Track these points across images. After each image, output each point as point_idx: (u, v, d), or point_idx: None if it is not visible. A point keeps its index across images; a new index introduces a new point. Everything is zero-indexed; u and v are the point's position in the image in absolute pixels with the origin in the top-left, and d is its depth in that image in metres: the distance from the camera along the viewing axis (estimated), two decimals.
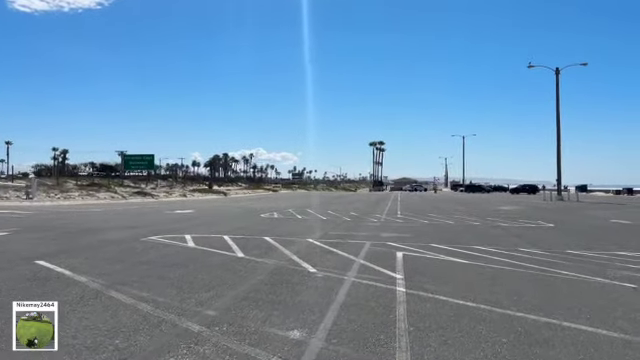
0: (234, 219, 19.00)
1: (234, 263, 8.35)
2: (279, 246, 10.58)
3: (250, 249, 10.06)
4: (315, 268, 7.97)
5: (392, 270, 7.93)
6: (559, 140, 49.00)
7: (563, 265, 8.74)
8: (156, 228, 14.34)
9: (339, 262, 8.71)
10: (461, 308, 5.59)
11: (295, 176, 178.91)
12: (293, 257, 9.09)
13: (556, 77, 48.05)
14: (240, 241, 11.37)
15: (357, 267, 8.23)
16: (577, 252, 10.48)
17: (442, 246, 11.18)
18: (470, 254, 9.98)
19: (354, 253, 9.76)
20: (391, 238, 12.68)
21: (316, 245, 11.02)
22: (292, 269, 7.89)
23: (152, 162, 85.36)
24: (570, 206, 34.57)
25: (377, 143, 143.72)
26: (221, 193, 55.44)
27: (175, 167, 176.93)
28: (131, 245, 10.45)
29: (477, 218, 20.98)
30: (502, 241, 12.57)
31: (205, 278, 7.03)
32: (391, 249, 10.52)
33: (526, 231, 15.60)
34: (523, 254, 10.11)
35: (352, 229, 15.36)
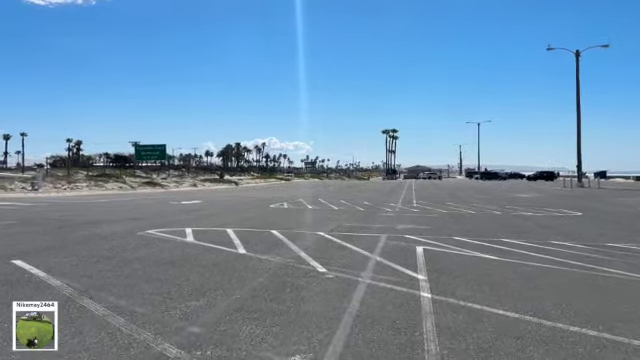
0: (241, 210, 18.10)
1: (234, 262, 7.41)
2: (286, 241, 9.63)
3: (254, 244, 9.12)
4: (325, 267, 6.99)
5: (413, 269, 6.93)
6: (579, 125, 47.27)
7: (608, 262, 7.66)
8: (157, 221, 13.49)
9: (352, 259, 7.72)
10: (502, 321, 4.57)
11: (308, 165, 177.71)
12: (301, 254, 8.13)
13: (576, 60, 46.19)
14: (244, 235, 10.44)
15: (373, 266, 7.24)
16: (619, 245, 9.37)
17: (465, 239, 10.13)
18: (499, 249, 8.93)
19: (369, 248, 8.77)
20: (408, 230, 11.65)
21: (327, 239, 10.05)
22: (299, 268, 6.93)
23: (164, 152, 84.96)
24: (592, 193, 33.11)
25: (390, 131, 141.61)
26: (232, 183, 54.71)
27: (188, 157, 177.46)
28: (124, 240, 9.57)
29: (497, 207, 19.84)
30: (530, 232, 11.48)
31: (198, 281, 6.10)
32: (409, 243, 9.50)
33: (554, 221, 14.45)
34: (558, 248, 9.03)
35: (366, 220, 14.36)
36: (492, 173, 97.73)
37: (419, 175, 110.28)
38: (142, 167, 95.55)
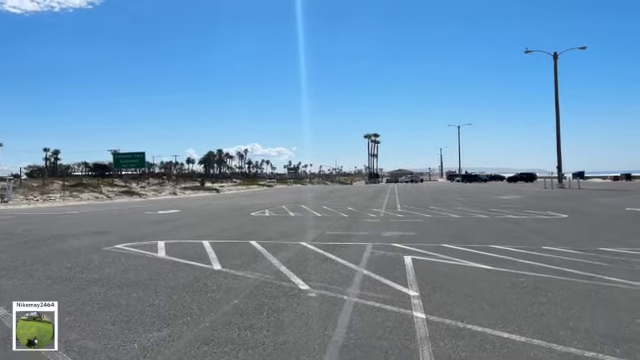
0: (220, 219, 17.37)
1: (207, 280, 6.75)
2: (266, 253, 8.99)
3: (231, 258, 8.46)
4: (308, 284, 6.39)
5: (403, 283, 6.37)
6: (558, 127, 47.61)
7: (606, 269, 7.22)
8: (128, 233, 12.70)
9: (337, 273, 7.13)
10: (508, 347, 4.02)
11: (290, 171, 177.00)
12: (281, 268, 7.50)
13: (554, 62, 46.56)
14: (221, 248, 9.77)
15: (359, 280, 6.65)
16: (613, 249, 8.97)
17: (455, 246, 9.63)
18: (491, 256, 8.44)
19: (354, 260, 8.20)
20: (395, 238, 11.12)
21: (310, 250, 9.44)
22: (279, 286, 6.30)
23: (143, 160, 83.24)
24: (574, 194, 33.17)
25: (372, 135, 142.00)
26: (213, 190, 53.67)
27: (169, 165, 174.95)
28: (88, 257, 8.82)
29: (482, 210, 19.49)
30: (520, 237, 11.05)
31: (164, 306, 5.43)
32: (397, 252, 8.96)
33: (541, 224, 14.09)
34: (552, 254, 8.59)
35: (350, 227, 13.80)
36: (473, 175, 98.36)
37: (401, 179, 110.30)
38: (122, 176, 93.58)
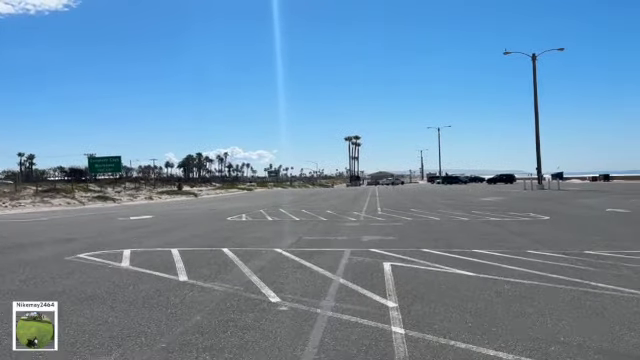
0: (194, 225, 16.75)
1: (170, 293, 6.22)
2: (238, 261, 8.49)
3: (199, 268, 7.93)
4: (279, 296, 5.92)
5: (381, 293, 5.95)
6: (537, 128, 47.99)
7: (593, 274, 6.91)
8: (95, 241, 12.04)
9: (312, 283, 6.68)
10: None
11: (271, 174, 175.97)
12: (252, 278, 7.02)
13: (533, 63, 46.97)
14: (191, 256, 9.23)
15: (335, 290, 6.21)
16: (597, 253, 8.72)
17: (436, 251, 9.27)
18: (473, 262, 8.09)
19: (331, 267, 7.75)
20: (374, 243, 10.72)
21: (285, 257, 8.97)
22: (247, 299, 5.82)
23: (119, 164, 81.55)
24: (554, 195, 33.35)
25: (353, 138, 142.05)
26: (191, 194, 52.67)
27: (148, 169, 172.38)
28: (47, 269, 8.19)
29: (463, 212, 19.27)
30: (503, 241, 10.76)
31: (119, 324, 4.90)
32: (376, 258, 8.55)
33: (524, 227, 13.87)
34: (536, 259, 8.28)
35: (329, 232, 13.36)
36: (453, 177, 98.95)
37: (382, 181, 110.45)
38: (98, 180, 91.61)
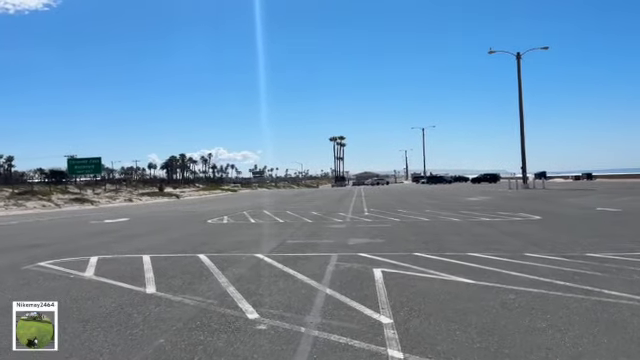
0: (171, 228, 15.92)
1: (134, 309, 5.47)
2: (215, 269, 7.75)
3: (170, 278, 7.18)
4: (258, 311, 5.21)
5: (374, 306, 5.28)
6: (522, 127, 47.98)
7: (603, 280, 6.34)
8: (61, 247, 11.18)
9: (296, 294, 5.98)
10: None
11: (256, 175, 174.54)
12: (229, 289, 6.29)
13: (517, 62, 46.94)
14: (163, 263, 8.46)
15: (321, 303, 5.52)
16: (600, 255, 8.18)
17: (429, 255, 8.65)
18: (471, 267, 7.47)
19: (316, 275, 7.07)
20: (362, 246, 10.06)
21: (266, 264, 8.25)
22: (221, 316, 5.10)
23: (99, 165, 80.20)
24: (540, 194, 33.15)
25: (337, 138, 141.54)
26: (173, 196, 51.50)
27: (130, 170, 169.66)
28: (1, 279, 7.36)
29: (451, 212, 18.74)
30: (498, 243, 10.19)
31: (67, 348, 4.13)
32: (365, 264, 7.89)
33: (516, 227, 13.36)
34: (536, 262, 7.71)
35: (314, 235, 12.67)
36: (438, 177, 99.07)
37: (367, 181, 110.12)
38: (78, 182, 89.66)
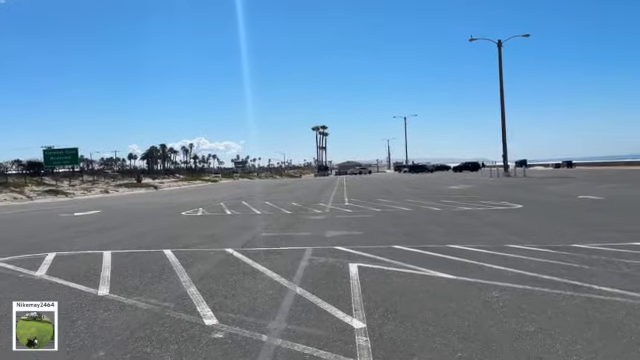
0: (142, 221, 15.23)
1: (80, 314, 4.88)
2: (178, 266, 7.18)
3: (128, 277, 6.60)
4: (217, 316, 4.68)
5: (346, 308, 4.80)
6: (503, 116, 48.04)
7: (590, 273, 5.97)
8: (20, 243, 10.47)
9: (262, 295, 5.47)
10: None
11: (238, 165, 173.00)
12: (190, 290, 5.75)
13: (498, 50, 46.81)
14: (124, 260, 7.86)
15: (289, 304, 5.02)
16: (585, 246, 7.83)
17: (408, 248, 8.21)
18: (452, 261, 7.04)
19: (288, 272, 6.55)
20: (340, 239, 9.58)
21: (235, 260, 7.71)
22: (176, 322, 4.56)
23: (76, 156, 78.35)
24: (522, 182, 33.13)
25: (320, 127, 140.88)
26: (151, 187, 50.37)
27: (110, 161, 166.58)
28: None
29: (433, 202, 18.38)
30: (479, 234, 9.82)
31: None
32: (341, 259, 7.41)
33: (498, 216, 13.03)
34: (520, 254, 7.32)
35: (291, 227, 12.15)
36: (420, 166, 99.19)
37: (350, 171, 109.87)
38: (56, 173, 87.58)
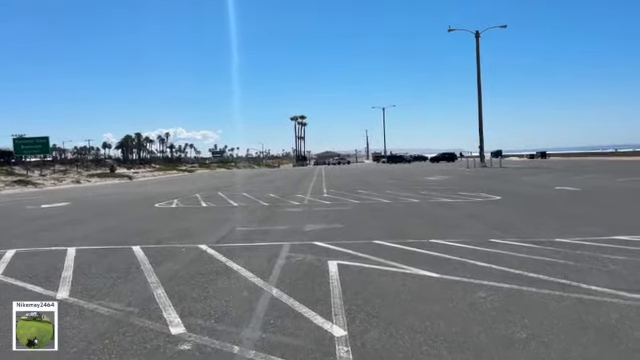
0: (113, 214, 14.63)
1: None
2: (147, 265, 6.74)
3: (91, 277, 6.14)
4: (185, 322, 4.30)
5: (325, 312, 4.47)
6: (480, 106, 48.36)
7: (577, 270, 5.78)
8: None
9: (236, 297, 5.10)
10: None
11: (216, 155, 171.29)
12: (157, 292, 5.34)
13: (476, 40, 46.93)
14: (88, 258, 7.37)
15: (265, 308, 4.67)
16: (568, 241, 7.68)
17: (389, 243, 7.93)
18: (434, 257, 6.79)
19: (263, 271, 6.19)
20: (318, 233, 9.26)
21: (209, 257, 7.31)
22: (138, 330, 4.16)
23: (47, 145, 76.10)
24: (498, 173, 33.38)
25: (298, 117, 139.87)
26: (125, 177, 49.10)
27: (83, 150, 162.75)
28: None
29: (411, 193, 18.22)
30: (460, 227, 9.62)
31: None
32: (320, 255, 7.08)
33: (478, 208, 12.90)
34: (503, 250, 7.12)
35: (268, 220, 11.77)
36: (398, 156, 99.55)
37: (328, 161, 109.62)
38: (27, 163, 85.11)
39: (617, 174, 25.76)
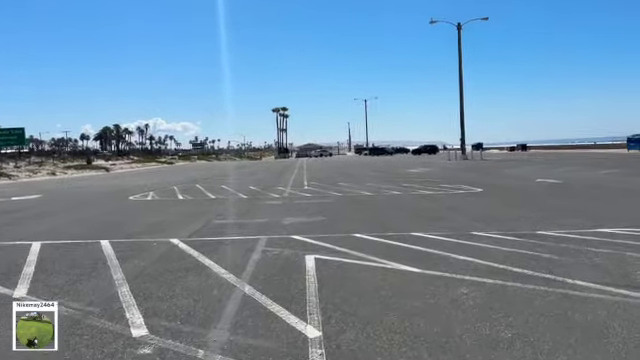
0: (85, 206, 14.13)
1: None
2: (114, 261, 6.38)
3: (53, 273, 5.77)
4: (148, 324, 3.99)
5: (300, 311, 4.20)
6: (462, 99, 48.50)
7: (561, 264, 5.62)
8: None
9: (205, 295, 4.80)
10: None
11: (196, 146, 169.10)
12: (122, 290, 5.00)
13: (458, 33, 46.95)
14: (53, 253, 6.97)
15: (236, 307, 4.38)
16: (551, 233, 7.55)
17: (370, 236, 7.70)
18: (416, 251, 6.57)
19: (237, 267, 5.90)
20: (297, 226, 8.98)
21: (179, 252, 6.97)
22: (98, 332, 3.84)
23: (22, 136, 74.17)
24: (479, 165, 33.51)
25: (280, 109, 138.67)
26: (102, 169, 48.05)
27: (61, 141, 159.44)
28: None
29: (393, 185, 18.06)
30: (442, 219, 9.45)
31: None
32: (297, 250, 6.81)
33: (459, 201, 12.78)
34: (486, 243, 6.94)
35: (246, 213, 11.45)
36: (380, 149, 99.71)
37: (310, 153, 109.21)
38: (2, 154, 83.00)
39: (598, 166, 26.00)
